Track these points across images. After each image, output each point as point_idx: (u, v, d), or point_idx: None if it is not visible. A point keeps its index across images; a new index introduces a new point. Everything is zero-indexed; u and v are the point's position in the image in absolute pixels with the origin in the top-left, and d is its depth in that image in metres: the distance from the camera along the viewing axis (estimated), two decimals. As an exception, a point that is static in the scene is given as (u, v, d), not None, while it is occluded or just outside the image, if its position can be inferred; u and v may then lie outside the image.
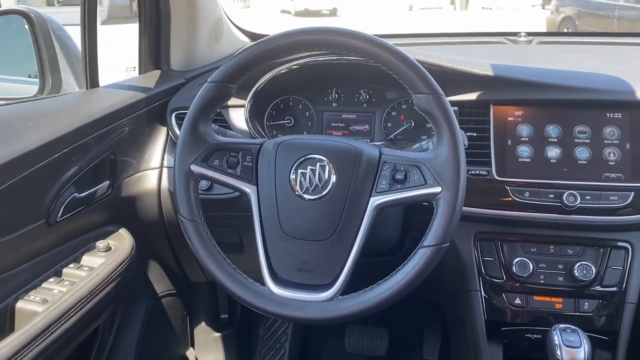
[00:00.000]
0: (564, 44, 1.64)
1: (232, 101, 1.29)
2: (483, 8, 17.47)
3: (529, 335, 1.14)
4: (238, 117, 1.31)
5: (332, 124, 1.34)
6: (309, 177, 0.94)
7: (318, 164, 0.95)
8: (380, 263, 1.07)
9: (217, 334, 1.71)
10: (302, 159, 0.96)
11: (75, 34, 1.38)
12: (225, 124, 1.32)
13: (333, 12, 17.05)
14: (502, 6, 17.26)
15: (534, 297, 1.15)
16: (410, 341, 1.80)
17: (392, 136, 1.31)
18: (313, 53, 1.23)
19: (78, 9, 1.25)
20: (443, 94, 0.92)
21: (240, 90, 1.26)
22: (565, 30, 8.51)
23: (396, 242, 1.25)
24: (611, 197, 1.10)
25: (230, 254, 1.02)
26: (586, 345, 0.99)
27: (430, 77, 0.92)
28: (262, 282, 0.95)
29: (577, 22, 8.49)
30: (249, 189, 0.97)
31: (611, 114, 1.14)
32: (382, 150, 0.97)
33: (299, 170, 0.95)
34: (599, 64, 1.33)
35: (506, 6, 17.16)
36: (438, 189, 0.90)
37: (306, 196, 0.94)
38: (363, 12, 15.27)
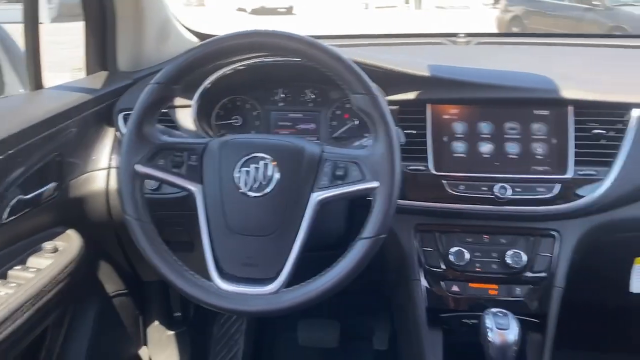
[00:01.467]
0: (500, 44, 1.73)
1: (180, 101, 1.32)
2: (437, 7, 17.82)
3: (466, 321, 1.21)
4: (186, 116, 1.33)
5: (279, 123, 1.38)
6: (253, 175, 0.98)
7: (261, 162, 0.99)
8: (328, 256, 1.12)
9: (171, 332, 1.73)
10: (246, 157, 0.99)
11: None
12: (173, 124, 1.34)
13: (289, 11, 17.06)
14: (455, 5, 17.66)
15: (470, 285, 1.22)
16: (360, 332, 1.86)
17: (337, 134, 1.36)
18: (259, 54, 1.27)
19: (19, 6, 1.24)
20: (378, 94, 0.97)
21: (188, 91, 1.29)
22: (514, 30, 8.85)
23: (341, 236, 1.30)
24: (538, 189, 1.18)
25: (182, 252, 1.05)
26: (516, 328, 1.06)
27: (367, 78, 0.97)
28: (208, 277, 0.98)
29: (525, 22, 8.79)
30: (194, 188, 1.00)
31: (538, 111, 1.21)
32: (323, 148, 1.01)
33: (243, 169, 0.98)
34: (530, 63, 1.41)
35: (459, 5, 17.56)
36: (375, 184, 0.95)
37: (250, 194, 0.98)
38: (319, 11, 15.33)
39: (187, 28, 1.75)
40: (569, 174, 1.17)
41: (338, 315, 1.86)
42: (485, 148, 1.21)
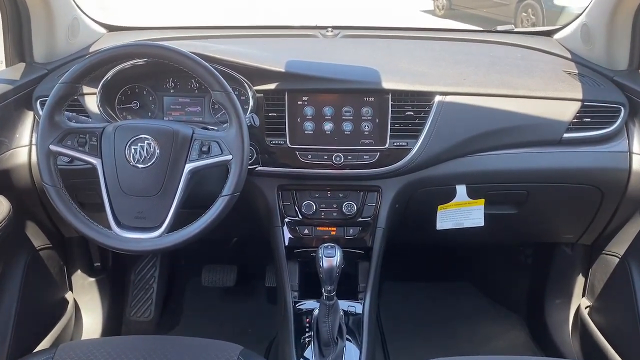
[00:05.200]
0: (362, 37, 2.11)
1: (89, 89, 1.64)
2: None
3: (313, 254, 1.62)
4: (93, 102, 1.64)
5: (171, 107, 1.71)
6: (139, 151, 1.33)
7: (146, 141, 1.33)
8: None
9: (92, 279, 2.08)
10: (133, 138, 1.34)
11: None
12: (82, 108, 1.65)
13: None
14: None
15: (317, 228, 1.63)
16: (254, 273, 2.28)
17: (218, 115, 1.71)
18: None
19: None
20: (231, 91, 1.34)
21: (93, 82, 1.61)
22: (439, 2, 9.29)
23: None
24: (364, 157, 1.59)
25: (95, 212, 1.39)
26: (339, 255, 1.47)
27: (222, 78, 1.33)
28: (109, 227, 1.34)
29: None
30: (95, 161, 1.34)
31: (367, 98, 1.61)
32: (195, 130, 1.37)
33: (132, 147, 1.33)
34: (372, 56, 1.80)
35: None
36: (229, 157, 1.33)
37: (138, 165, 1.33)
38: None
39: (96, 21, 2.04)
40: (387, 145, 1.59)
41: (236, 261, 2.26)
42: (328, 127, 1.60)
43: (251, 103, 1.59)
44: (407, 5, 9.58)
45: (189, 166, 1.34)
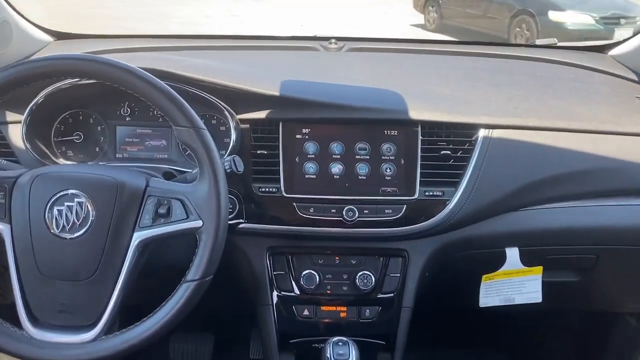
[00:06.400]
0: (372, 51, 1.71)
1: (11, 116, 1.21)
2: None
3: (316, 345, 1.20)
4: (18, 135, 1.21)
5: (127, 139, 1.29)
6: (66, 214, 0.90)
7: (75, 199, 0.91)
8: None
9: None
10: (58, 194, 0.91)
11: None
12: (4, 141, 1.22)
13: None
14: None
15: (321, 308, 1.21)
16: (236, 342, 1.83)
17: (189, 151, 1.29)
18: None
19: None
20: (204, 127, 0.92)
21: (18, 105, 1.18)
22: (430, 9, 9.06)
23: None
24: (386, 210, 1.18)
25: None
26: (354, 357, 1.06)
27: (188, 108, 0.92)
28: (20, 325, 0.90)
29: (440, 1, 9.00)
30: (1, 227, 0.91)
31: (388, 132, 1.21)
32: (149, 181, 0.95)
33: (55, 208, 0.91)
34: (391, 75, 1.40)
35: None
36: (199, 223, 0.91)
37: (64, 235, 0.90)
38: None
39: (38, 26, 1.61)
40: (415, 195, 1.18)
41: (212, 326, 1.82)
42: (336, 169, 1.20)
43: (233, 137, 1.18)
44: (395, 20, 9.32)
45: (138, 236, 0.92)
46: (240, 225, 1.18)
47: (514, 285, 1.26)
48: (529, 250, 1.26)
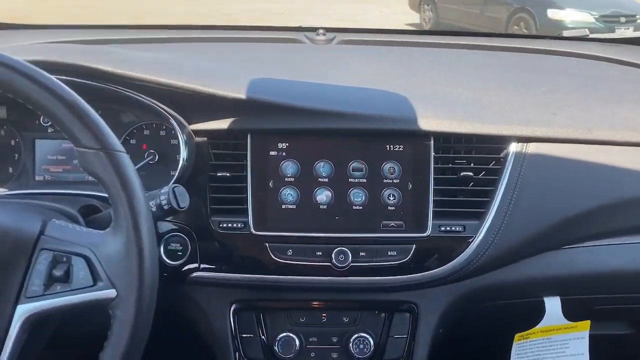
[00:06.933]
0: (368, 44, 1.41)
1: None
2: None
3: None
4: None
5: (49, 157, 0.99)
6: None
7: None
8: None
9: None
10: None
11: None
12: None
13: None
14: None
15: None
16: None
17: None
18: None
19: None
20: (121, 149, 0.62)
21: None
22: (426, 7, 8.82)
23: None
24: (389, 252, 0.89)
25: None
26: None
27: (102, 125, 0.62)
28: None
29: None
30: None
31: (391, 147, 0.92)
32: (47, 226, 0.65)
33: None
34: (391, 73, 1.12)
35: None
36: (111, 293, 0.61)
37: None
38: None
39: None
40: (427, 232, 0.89)
41: None
42: (323, 197, 0.90)
43: (184, 155, 0.88)
44: (393, 19, 9.10)
45: (24, 310, 0.62)
46: (194, 274, 0.89)
47: (555, 346, 0.98)
48: (574, 300, 0.98)
